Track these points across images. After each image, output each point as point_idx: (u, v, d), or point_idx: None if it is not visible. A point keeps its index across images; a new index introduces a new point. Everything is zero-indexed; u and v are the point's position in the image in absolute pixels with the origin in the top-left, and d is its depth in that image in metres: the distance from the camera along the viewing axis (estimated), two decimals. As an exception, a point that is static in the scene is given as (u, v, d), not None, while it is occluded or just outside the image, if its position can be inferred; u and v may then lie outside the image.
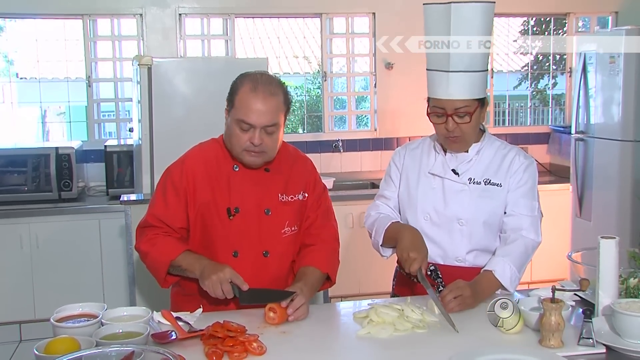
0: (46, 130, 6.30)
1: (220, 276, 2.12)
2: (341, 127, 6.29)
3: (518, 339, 1.91)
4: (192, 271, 2.22)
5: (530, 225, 2.35)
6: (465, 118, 2.28)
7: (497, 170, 2.39)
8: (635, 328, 1.86)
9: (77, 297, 2.41)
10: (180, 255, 2.25)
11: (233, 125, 2.23)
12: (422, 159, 2.48)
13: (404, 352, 1.86)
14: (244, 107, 2.18)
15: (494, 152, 2.42)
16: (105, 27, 5.36)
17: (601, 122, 4.91)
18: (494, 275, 2.26)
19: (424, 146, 2.51)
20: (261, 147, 2.22)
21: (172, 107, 4.00)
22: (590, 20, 6.16)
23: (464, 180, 2.38)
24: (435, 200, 2.40)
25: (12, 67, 6.39)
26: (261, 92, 2.19)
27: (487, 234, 2.38)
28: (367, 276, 4.79)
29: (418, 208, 2.42)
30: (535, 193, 2.41)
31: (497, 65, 6.23)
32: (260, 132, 2.20)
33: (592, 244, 2.14)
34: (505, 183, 2.38)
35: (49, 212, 4.58)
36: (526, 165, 2.40)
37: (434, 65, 2.33)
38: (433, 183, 2.42)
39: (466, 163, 2.39)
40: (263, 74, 2.28)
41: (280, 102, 2.23)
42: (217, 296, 2.15)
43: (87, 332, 1.87)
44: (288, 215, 2.35)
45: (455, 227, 2.37)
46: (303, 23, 6.90)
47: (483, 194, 2.36)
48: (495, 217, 2.38)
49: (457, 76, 2.27)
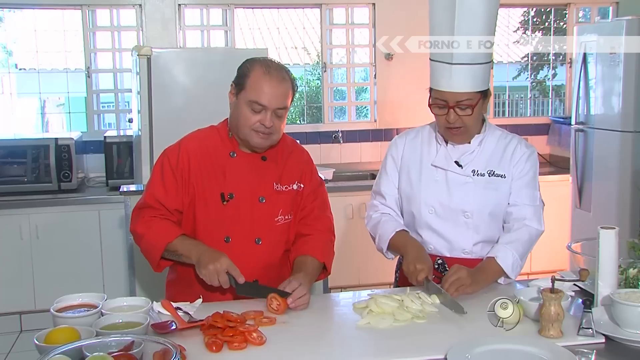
0: (45, 121, 6.28)
1: (217, 266, 2.13)
2: (341, 118, 6.28)
3: (517, 329, 1.91)
4: (188, 257, 2.23)
5: (533, 215, 2.35)
6: (467, 110, 2.26)
7: (500, 161, 2.38)
8: (634, 318, 1.86)
9: (77, 288, 2.41)
10: (177, 239, 2.25)
11: (243, 107, 2.24)
12: (422, 150, 2.45)
13: (403, 342, 1.86)
14: (257, 89, 2.21)
15: (496, 142, 2.41)
16: (105, 18, 5.35)
17: (601, 112, 4.90)
18: (496, 261, 2.26)
19: (424, 135, 2.48)
20: (271, 129, 2.25)
21: (171, 98, 3.99)
22: (591, 10, 6.14)
23: (467, 172, 2.36)
24: (440, 193, 2.38)
25: (11, 58, 6.38)
26: (275, 76, 2.23)
27: (493, 225, 2.38)
28: (366, 267, 4.80)
29: (422, 201, 2.40)
30: (536, 182, 2.41)
31: (497, 56, 6.22)
32: (272, 114, 2.23)
33: (591, 234, 2.14)
34: (509, 174, 2.37)
35: (48, 203, 4.58)
36: (528, 154, 2.40)
37: (437, 57, 2.30)
38: (436, 175, 2.40)
39: (469, 154, 2.38)
40: (272, 59, 2.33)
41: (289, 88, 2.28)
42: (214, 285, 2.16)
43: (87, 322, 1.87)
44: (282, 204, 2.36)
45: (461, 219, 2.36)
46: (303, 14, 6.87)
47: (488, 186, 2.35)
48: (501, 208, 2.38)
49: (460, 69, 2.23)
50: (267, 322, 2.01)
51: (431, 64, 2.33)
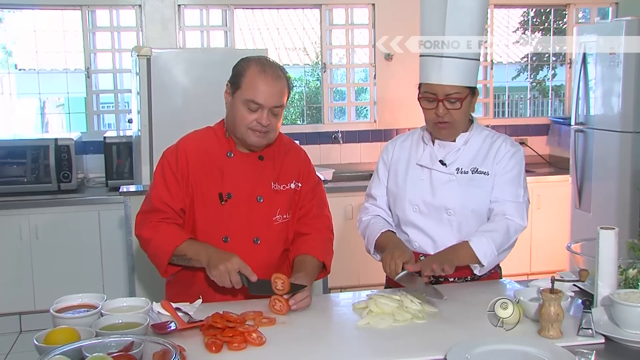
0: (45, 121, 6.28)
1: (229, 266, 2.12)
2: (340, 118, 6.28)
3: (517, 330, 1.91)
4: (198, 260, 2.22)
5: (515, 211, 2.34)
6: (456, 104, 2.30)
7: (485, 159, 2.40)
8: (634, 318, 1.86)
9: (76, 288, 2.40)
10: (184, 243, 2.25)
11: (239, 106, 2.25)
12: (410, 151, 2.50)
13: (403, 343, 1.87)
14: (253, 87, 2.23)
15: (482, 141, 2.43)
16: (104, 18, 5.35)
17: (601, 113, 4.90)
18: (469, 244, 2.26)
19: (414, 138, 2.54)
20: (267, 128, 2.26)
21: (171, 98, 3.99)
22: (591, 11, 6.15)
23: (451, 171, 2.39)
24: (423, 192, 2.41)
25: (11, 58, 6.38)
26: (270, 74, 2.24)
27: (476, 223, 2.38)
28: (366, 267, 4.79)
29: (407, 200, 2.43)
30: (521, 180, 2.40)
31: (497, 56, 6.21)
32: (268, 112, 2.24)
33: (591, 234, 2.14)
34: (492, 171, 2.38)
35: (48, 203, 4.58)
36: (512, 152, 2.41)
37: (428, 52, 2.35)
38: (421, 174, 2.43)
39: (454, 153, 2.40)
40: (267, 58, 2.34)
41: (285, 86, 2.29)
42: (226, 286, 2.15)
43: (86, 322, 1.87)
44: (280, 203, 2.36)
45: (444, 217, 2.38)
46: (302, 14, 6.87)
47: (471, 183, 2.37)
48: (484, 206, 2.38)
49: (450, 62, 2.29)
50: (266, 322, 2.01)
51: (421, 59, 2.39)
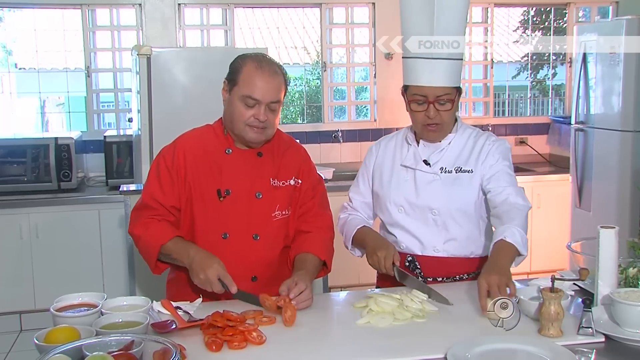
0: (45, 120, 6.28)
1: (209, 275, 2.12)
2: (341, 117, 6.28)
3: (517, 329, 1.91)
4: (180, 261, 2.23)
5: (516, 194, 2.32)
6: (446, 105, 2.31)
7: (469, 157, 2.40)
8: (634, 317, 1.86)
9: (76, 287, 2.40)
10: (170, 242, 2.25)
11: (236, 103, 2.26)
12: (395, 152, 2.50)
13: (403, 342, 1.86)
14: (250, 83, 2.23)
15: (466, 139, 2.44)
16: (104, 17, 5.35)
17: (601, 112, 4.90)
18: (506, 241, 2.17)
19: (398, 139, 2.54)
20: (265, 123, 2.26)
21: (171, 97, 3.99)
22: (591, 10, 6.14)
23: (435, 170, 2.39)
24: (408, 192, 2.41)
25: (11, 57, 6.38)
26: (267, 70, 2.25)
27: (465, 222, 2.38)
28: (366, 266, 4.77)
29: (392, 201, 2.44)
30: (512, 169, 2.40)
31: (497, 55, 6.21)
32: (265, 108, 2.24)
33: (591, 233, 2.15)
34: (477, 169, 2.38)
35: (48, 202, 4.59)
36: (497, 145, 2.41)
37: (416, 54, 2.34)
38: (406, 175, 2.44)
39: (438, 153, 2.41)
40: (264, 54, 2.34)
41: (281, 82, 2.29)
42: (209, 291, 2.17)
43: (87, 321, 1.87)
44: (279, 200, 2.36)
45: (429, 217, 2.38)
46: (302, 13, 6.87)
47: (454, 182, 2.37)
48: (469, 204, 2.38)
49: (441, 63, 2.29)
50: (266, 321, 2.01)
51: (407, 62, 2.38)
